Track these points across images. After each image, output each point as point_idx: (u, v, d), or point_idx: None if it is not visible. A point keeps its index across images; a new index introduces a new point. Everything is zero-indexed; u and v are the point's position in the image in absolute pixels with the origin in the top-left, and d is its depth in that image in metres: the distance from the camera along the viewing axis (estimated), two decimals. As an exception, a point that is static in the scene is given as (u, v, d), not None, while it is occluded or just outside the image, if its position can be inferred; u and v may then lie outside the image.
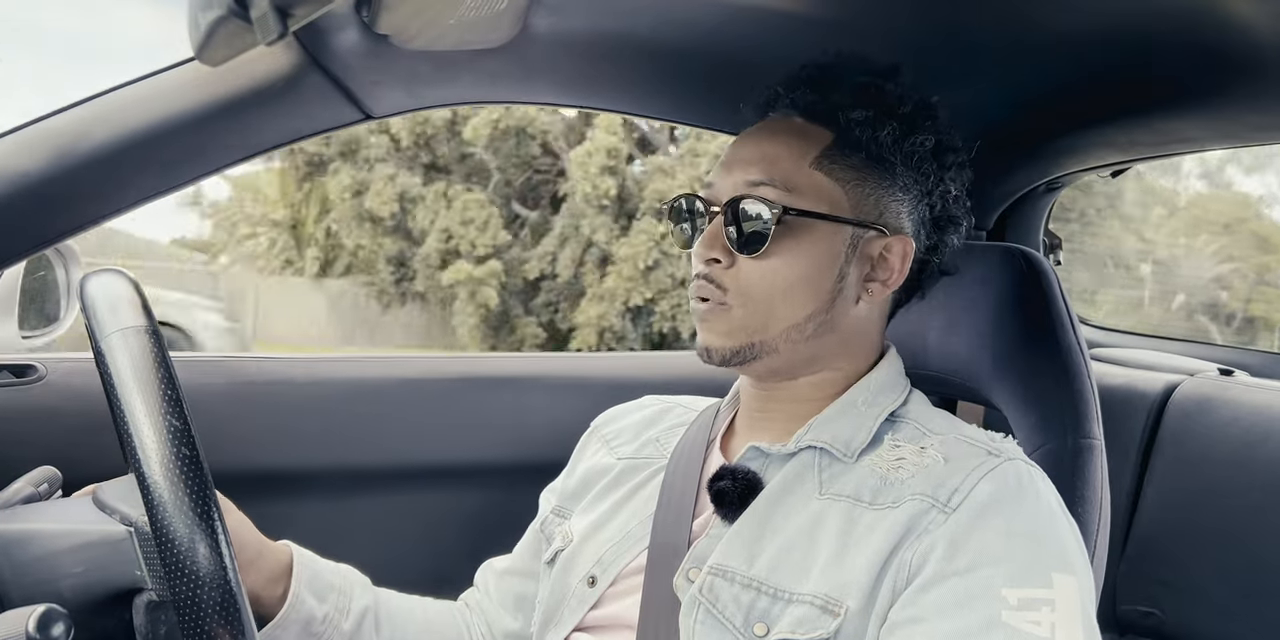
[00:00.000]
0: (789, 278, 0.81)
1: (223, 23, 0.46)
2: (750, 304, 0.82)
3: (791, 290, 0.81)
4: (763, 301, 0.81)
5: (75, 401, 1.20)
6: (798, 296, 0.82)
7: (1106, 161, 1.31)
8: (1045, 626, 0.68)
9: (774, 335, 0.82)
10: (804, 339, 0.83)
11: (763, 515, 0.81)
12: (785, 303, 0.82)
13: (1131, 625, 1.36)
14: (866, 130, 0.82)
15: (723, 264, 0.82)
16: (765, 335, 0.82)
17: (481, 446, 1.42)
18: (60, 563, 0.68)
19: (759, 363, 0.84)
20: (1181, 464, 1.32)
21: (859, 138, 0.83)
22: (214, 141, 0.97)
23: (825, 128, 0.84)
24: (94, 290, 0.72)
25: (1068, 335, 0.96)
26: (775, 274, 0.81)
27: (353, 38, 0.91)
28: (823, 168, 0.82)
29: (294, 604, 0.88)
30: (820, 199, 0.82)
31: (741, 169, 0.83)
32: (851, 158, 0.83)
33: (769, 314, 0.82)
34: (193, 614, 0.59)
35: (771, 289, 0.81)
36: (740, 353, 0.83)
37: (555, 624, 0.90)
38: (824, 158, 0.83)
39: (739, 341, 0.82)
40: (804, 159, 0.82)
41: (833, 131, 0.83)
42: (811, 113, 0.84)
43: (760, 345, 0.82)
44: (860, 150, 0.83)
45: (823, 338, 0.84)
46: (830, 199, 0.82)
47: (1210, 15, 0.84)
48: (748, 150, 0.84)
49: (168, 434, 0.63)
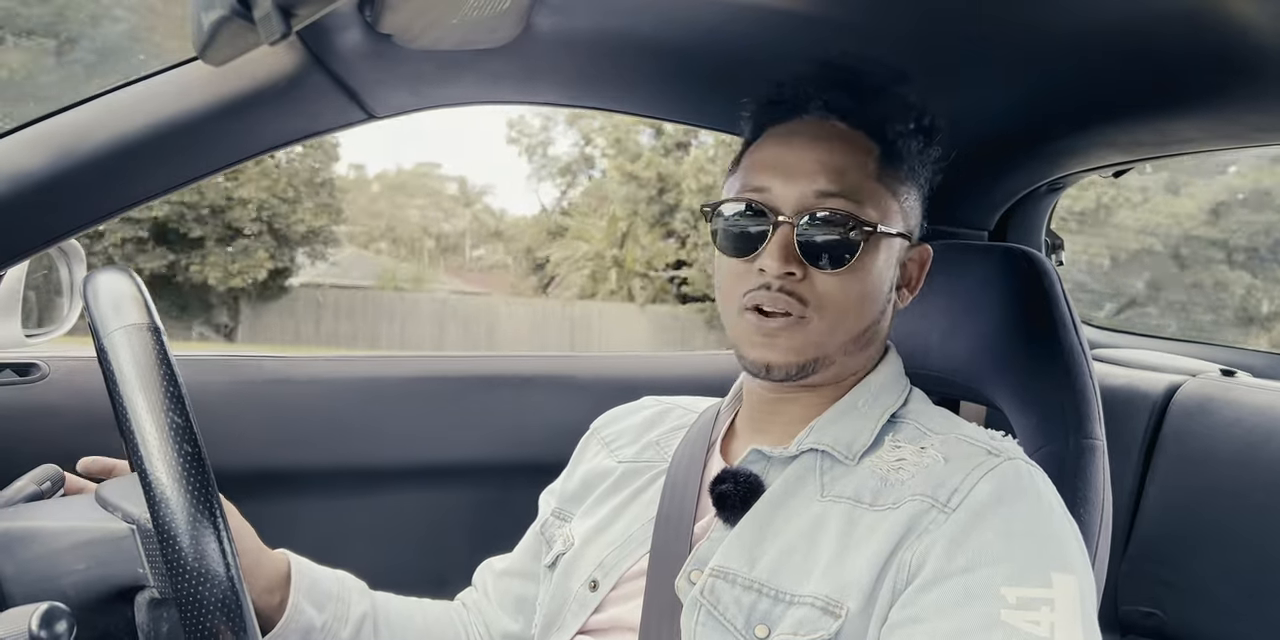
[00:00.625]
0: (861, 292, 0.81)
1: (226, 22, 0.46)
2: (829, 317, 0.80)
3: (861, 303, 0.81)
4: (840, 314, 0.80)
5: (78, 399, 1.20)
6: (865, 309, 0.82)
7: (1108, 162, 1.31)
8: (1045, 626, 0.67)
9: (835, 349, 0.82)
10: (857, 350, 0.84)
11: (764, 518, 0.81)
12: (856, 316, 0.81)
13: (1133, 626, 1.36)
14: (907, 143, 0.83)
15: (796, 276, 0.79)
16: (829, 349, 0.82)
17: (481, 446, 1.43)
18: (63, 560, 0.68)
19: (814, 377, 0.83)
20: (1183, 464, 1.32)
21: (902, 150, 0.83)
22: (217, 141, 0.97)
23: (871, 138, 0.83)
24: (97, 288, 0.72)
25: (1069, 335, 0.96)
26: (850, 287, 0.80)
27: (356, 38, 0.91)
28: (881, 180, 0.82)
29: (293, 614, 0.88)
30: (886, 213, 0.82)
31: (806, 176, 0.80)
32: (898, 170, 0.83)
33: (839, 327, 0.81)
34: (195, 611, 0.60)
35: (847, 302, 0.80)
36: (805, 368, 0.81)
37: (557, 628, 0.90)
38: (880, 170, 0.82)
39: (807, 356, 0.81)
40: (865, 170, 0.81)
41: (878, 143, 0.83)
42: (854, 120, 0.83)
43: (823, 360, 0.82)
44: (904, 163, 0.84)
45: (868, 348, 0.85)
46: (891, 212, 0.82)
47: (1211, 16, 0.84)
48: (805, 155, 0.81)
49: (170, 431, 0.63)
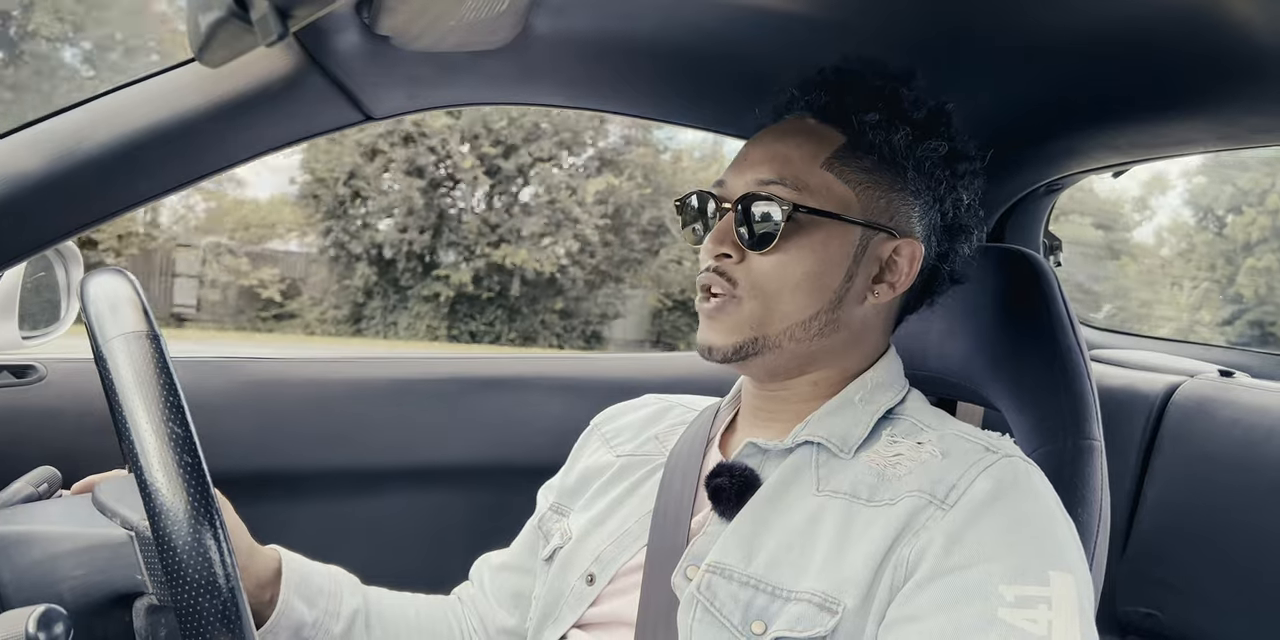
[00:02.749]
0: (797, 273, 0.81)
1: (223, 24, 0.46)
2: (761, 297, 0.82)
3: (799, 286, 0.82)
4: (772, 295, 0.82)
5: (75, 402, 1.20)
6: (805, 293, 0.82)
7: (1106, 163, 1.31)
8: (1042, 624, 0.67)
9: (778, 332, 0.82)
10: (808, 337, 0.83)
11: (760, 512, 0.81)
12: (792, 298, 0.82)
13: (1132, 626, 1.36)
14: (879, 133, 0.83)
15: (733, 259, 0.82)
16: (769, 330, 0.82)
17: (480, 448, 1.42)
18: (61, 565, 0.68)
19: (760, 359, 0.84)
20: (1182, 465, 1.32)
21: (871, 140, 0.83)
22: (214, 143, 0.96)
23: (838, 129, 0.84)
24: (94, 291, 0.71)
25: (1068, 336, 0.96)
26: (784, 268, 0.81)
27: (353, 39, 0.91)
28: (834, 168, 0.83)
29: (283, 610, 0.88)
30: (830, 199, 0.82)
31: (753, 168, 0.84)
32: (863, 160, 0.83)
33: (775, 308, 0.82)
34: (194, 622, 0.59)
35: (781, 283, 0.82)
36: (742, 349, 0.83)
37: (553, 621, 0.90)
38: (835, 159, 0.83)
39: (743, 336, 0.82)
40: (815, 159, 0.83)
41: (845, 133, 0.84)
42: (824, 114, 0.85)
43: (763, 341, 0.83)
44: (872, 153, 0.83)
45: (827, 337, 0.84)
46: (840, 199, 0.82)
47: (1210, 17, 0.84)
48: (760, 150, 0.85)
49: (170, 441, 0.62)
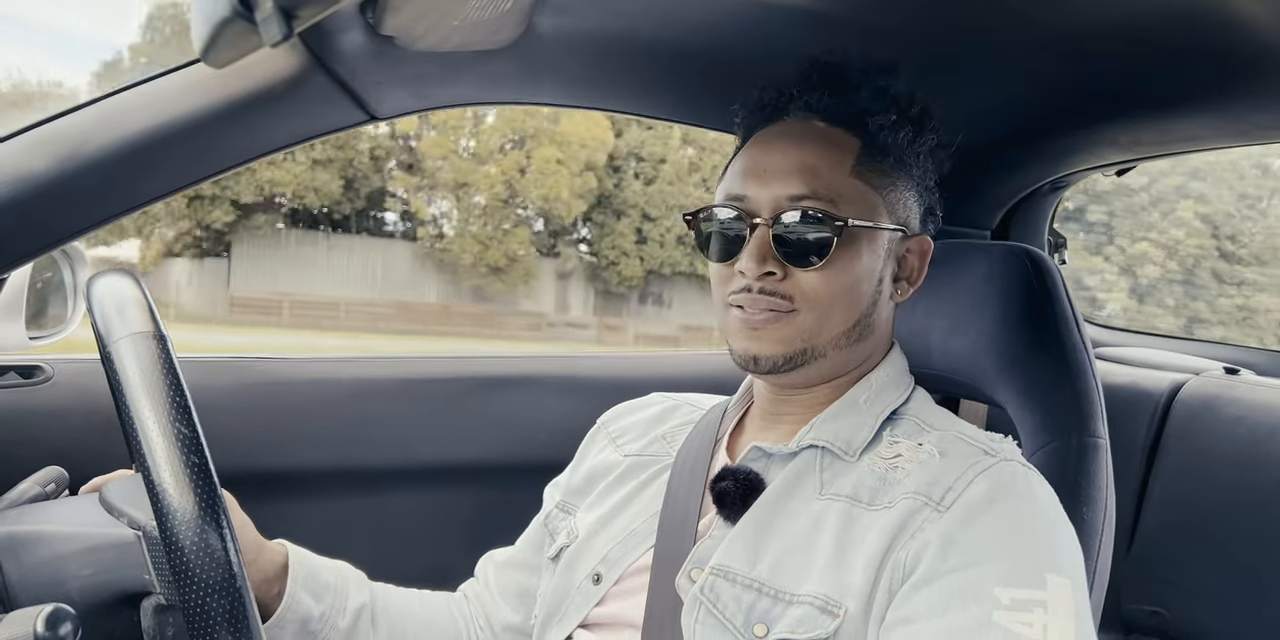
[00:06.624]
0: (845, 284, 0.81)
1: (228, 24, 0.46)
2: (816, 310, 0.81)
3: (846, 295, 0.82)
4: (825, 307, 0.81)
5: (82, 402, 1.20)
6: (850, 301, 0.82)
7: (1110, 160, 1.31)
8: (1038, 628, 0.67)
9: (824, 341, 0.83)
10: (849, 344, 0.84)
11: (764, 516, 0.81)
12: (842, 309, 0.82)
13: (1137, 624, 1.36)
14: (891, 134, 0.83)
15: (776, 276, 0.81)
16: (818, 341, 0.82)
17: (485, 447, 1.43)
18: (68, 565, 0.69)
19: (805, 369, 0.84)
20: (1187, 463, 1.32)
21: (886, 143, 0.83)
22: (219, 143, 0.97)
23: (852, 133, 0.83)
24: (101, 292, 0.72)
25: (1072, 334, 0.96)
26: (832, 281, 0.81)
27: (357, 39, 0.91)
28: (861, 176, 0.82)
29: (290, 604, 0.88)
30: (866, 208, 0.82)
31: (780, 180, 0.81)
32: (882, 163, 0.83)
33: (828, 319, 0.82)
34: (201, 621, 0.60)
35: (833, 296, 0.81)
36: (792, 359, 0.82)
37: (559, 620, 0.90)
38: (859, 165, 0.82)
39: (794, 348, 0.82)
40: (842, 167, 0.82)
41: (860, 137, 0.83)
42: (834, 117, 0.84)
43: (811, 351, 0.82)
44: (889, 155, 0.83)
45: (863, 342, 0.85)
46: (874, 207, 0.83)
47: (1214, 14, 0.84)
48: (781, 159, 0.82)
49: (177, 442, 0.63)
